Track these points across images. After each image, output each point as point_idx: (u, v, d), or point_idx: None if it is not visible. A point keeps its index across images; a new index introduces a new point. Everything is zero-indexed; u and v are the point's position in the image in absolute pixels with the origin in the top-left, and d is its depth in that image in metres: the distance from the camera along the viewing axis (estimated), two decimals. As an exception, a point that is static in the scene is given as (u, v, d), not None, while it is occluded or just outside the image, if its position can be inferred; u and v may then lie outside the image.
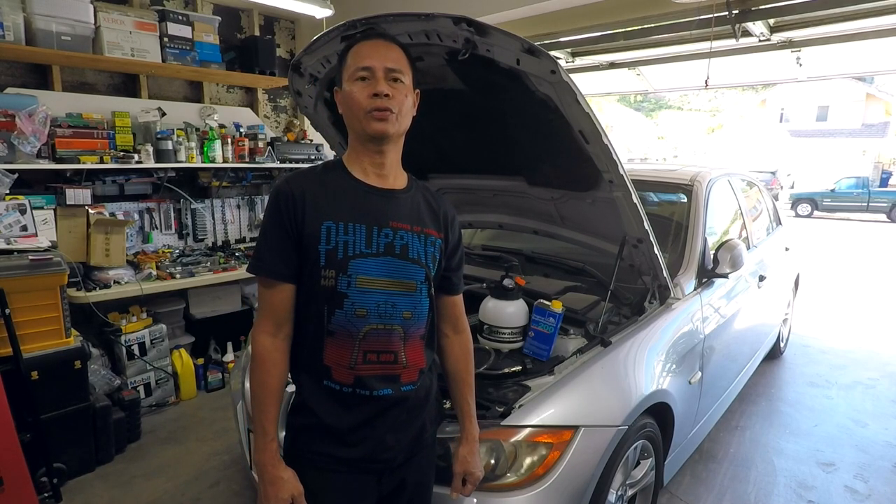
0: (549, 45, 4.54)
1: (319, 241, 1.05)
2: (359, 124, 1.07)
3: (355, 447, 1.10)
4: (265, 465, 1.07)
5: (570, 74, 1.36)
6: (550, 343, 1.67)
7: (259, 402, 1.08)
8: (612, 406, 1.58)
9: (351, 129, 1.12)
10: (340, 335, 1.07)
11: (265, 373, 1.08)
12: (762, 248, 3.11)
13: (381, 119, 1.05)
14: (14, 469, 1.91)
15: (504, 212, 2.41)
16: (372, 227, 1.08)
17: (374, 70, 1.04)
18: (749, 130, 26.05)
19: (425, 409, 1.20)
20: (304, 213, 1.06)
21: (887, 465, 2.59)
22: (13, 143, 2.68)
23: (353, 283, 1.06)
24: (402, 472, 1.17)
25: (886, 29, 3.67)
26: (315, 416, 1.10)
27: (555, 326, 1.65)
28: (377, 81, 1.04)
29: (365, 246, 1.07)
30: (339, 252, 1.05)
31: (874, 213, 15.42)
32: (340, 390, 1.09)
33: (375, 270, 1.07)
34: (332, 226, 1.06)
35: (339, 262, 1.05)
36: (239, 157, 3.65)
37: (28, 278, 2.20)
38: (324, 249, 1.05)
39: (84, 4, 2.90)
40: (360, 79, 1.05)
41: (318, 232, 1.05)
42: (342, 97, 1.10)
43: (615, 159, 1.55)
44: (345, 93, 1.08)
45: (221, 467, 2.53)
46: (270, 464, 1.07)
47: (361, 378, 1.08)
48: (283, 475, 1.07)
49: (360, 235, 1.07)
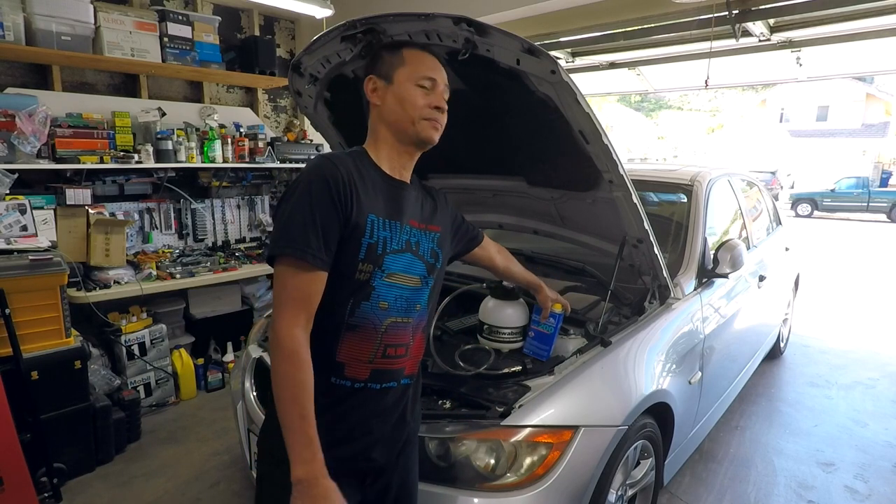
0: (549, 45, 4.54)
1: (364, 234, 1.03)
2: (410, 125, 1.10)
3: (347, 445, 1.09)
4: (316, 477, 0.93)
5: (570, 74, 1.37)
6: (550, 343, 1.66)
7: (299, 404, 0.94)
8: (612, 406, 1.58)
9: (389, 125, 1.12)
10: (364, 329, 1.06)
11: (303, 370, 0.96)
12: (762, 248, 3.11)
13: (435, 129, 1.12)
14: (14, 469, 1.91)
15: (504, 212, 2.40)
16: (400, 224, 1.11)
17: (437, 83, 1.12)
18: (749, 130, 26.04)
19: (416, 407, 1.22)
20: (354, 199, 1.01)
21: (887, 465, 2.59)
22: (13, 143, 2.68)
23: (383, 278, 1.07)
24: (387, 475, 1.17)
25: (886, 29, 3.67)
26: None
27: (555, 327, 1.65)
28: (439, 95, 1.12)
29: (396, 242, 1.09)
30: (378, 247, 1.05)
31: (874, 213, 15.43)
32: (352, 387, 1.07)
33: (401, 266, 1.10)
34: (376, 220, 1.05)
35: (377, 257, 1.05)
36: (239, 157, 3.65)
37: (28, 278, 2.20)
38: (366, 243, 1.03)
39: (84, 4, 2.90)
40: (421, 86, 1.09)
41: (364, 223, 1.03)
42: (389, 93, 1.10)
43: (615, 159, 1.55)
44: (400, 91, 1.09)
45: (221, 467, 2.53)
46: (322, 475, 0.94)
47: (377, 371, 1.08)
48: (333, 485, 0.95)
49: (396, 231, 1.09)
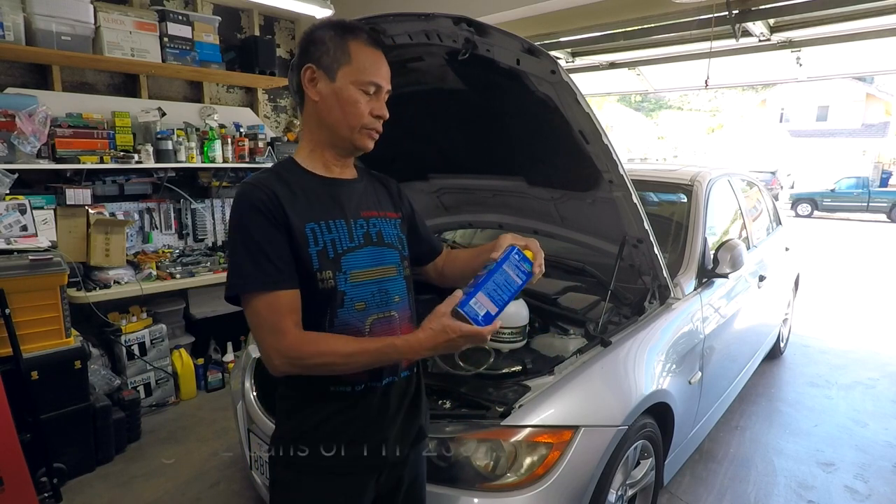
0: (549, 45, 4.54)
1: (308, 244, 1.01)
2: (347, 132, 1.06)
3: (361, 444, 1.08)
4: (419, 339, 0.97)
5: (570, 74, 1.36)
6: (507, 299, 1.04)
7: (354, 354, 0.97)
8: (612, 406, 1.58)
9: (326, 127, 1.07)
10: (349, 334, 1.04)
11: (322, 346, 0.97)
12: (762, 248, 3.11)
13: (372, 138, 1.08)
14: (14, 469, 1.91)
15: (504, 212, 2.41)
16: (349, 220, 1.07)
17: (382, 91, 1.06)
18: (749, 130, 26.04)
19: (421, 399, 1.21)
20: (285, 215, 1.00)
21: (887, 465, 2.59)
22: (13, 143, 2.68)
23: (348, 280, 1.04)
24: (399, 469, 1.17)
25: (886, 29, 3.67)
26: (317, 418, 1.07)
27: (521, 284, 1.08)
28: (382, 104, 1.07)
29: (348, 240, 1.06)
30: (329, 252, 1.03)
31: (874, 213, 15.43)
32: (353, 391, 1.06)
33: (364, 262, 1.07)
34: (316, 226, 1.03)
35: (332, 261, 1.03)
36: (239, 157, 3.65)
37: (28, 278, 2.20)
38: (314, 251, 1.02)
39: (84, 4, 2.90)
40: (366, 91, 1.04)
41: (304, 234, 1.01)
42: (334, 92, 1.03)
43: (615, 159, 1.55)
44: (343, 92, 1.03)
45: (221, 467, 2.53)
46: (420, 331, 0.98)
47: (373, 370, 1.07)
48: (433, 324, 0.97)
49: (342, 230, 1.06)
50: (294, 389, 1.10)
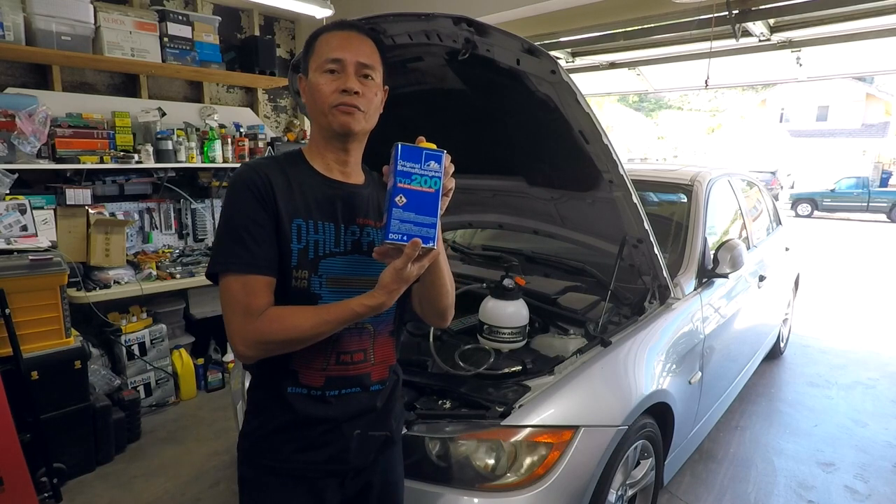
0: (549, 45, 4.54)
1: (291, 240, 0.99)
2: (324, 118, 1.01)
3: (320, 449, 1.06)
4: (381, 291, 0.91)
5: (570, 74, 1.37)
6: (435, 210, 0.90)
7: (313, 324, 0.94)
8: (612, 406, 1.58)
9: (314, 122, 1.06)
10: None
11: (285, 321, 0.95)
12: (762, 248, 3.11)
13: (346, 112, 0.99)
14: (14, 469, 1.91)
15: (504, 212, 2.41)
16: (340, 225, 1.04)
17: (345, 63, 0.99)
18: (749, 130, 26.05)
19: (393, 408, 1.17)
20: (276, 205, 0.98)
21: (887, 465, 2.59)
22: (13, 143, 2.68)
23: (324, 284, 1.01)
24: (366, 474, 1.14)
25: (886, 29, 3.67)
26: (276, 420, 1.05)
27: (438, 177, 0.90)
28: (347, 76, 0.99)
29: (334, 245, 1.03)
30: (310, 252, 1.00)
31: (874, 213, 15.44)
32: (308, 394, 1.04)
33: (344, 269, 1.04)
34: (303, 224, 1.00)
35: (311, 262, 1.00)
36: (239, 157, 3.64)
37: (28, 278, 2.20)
38: (296, 248, 0.99)
39: (84, 4, 2.90)
40: (328, 71, 0.99)
41: (289, 229, 0.99)
42: (307, 87, 1.04)
43: (615, 159, 1.55)
44: (310, 83, 1.02)
45: (221, 467, 2.53)
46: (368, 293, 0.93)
47: (332, 378, 1.04)
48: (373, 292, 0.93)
49: (330, 234, 1.03)
50: (258, 388, 1.10)
